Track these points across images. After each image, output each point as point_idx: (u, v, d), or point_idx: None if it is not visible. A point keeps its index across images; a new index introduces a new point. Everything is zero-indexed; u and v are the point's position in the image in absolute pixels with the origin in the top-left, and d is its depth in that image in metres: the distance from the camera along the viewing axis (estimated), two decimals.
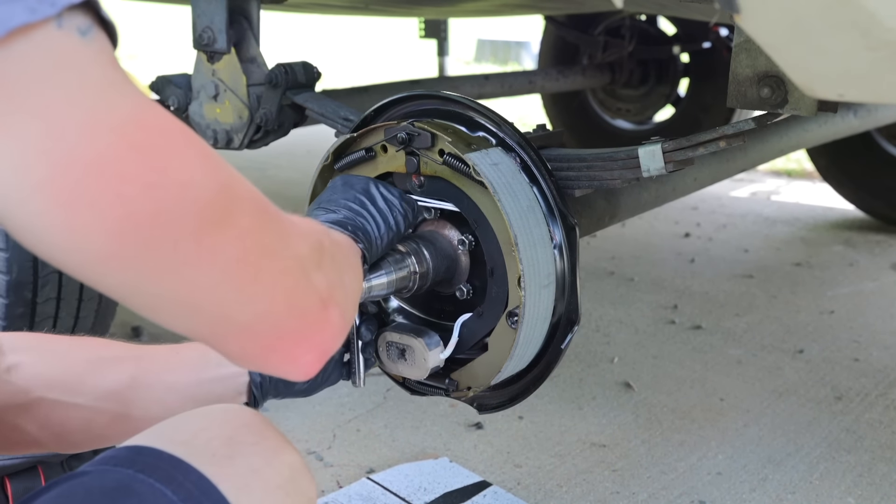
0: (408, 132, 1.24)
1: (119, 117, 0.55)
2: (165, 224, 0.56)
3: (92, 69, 0.55)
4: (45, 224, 0.53)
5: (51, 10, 0.52)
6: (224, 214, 0.60)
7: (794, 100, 1.27)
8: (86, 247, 0.54)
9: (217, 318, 0.62)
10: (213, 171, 0.61)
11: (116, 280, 0.57)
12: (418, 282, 1.24)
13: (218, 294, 0.61)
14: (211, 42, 1.85)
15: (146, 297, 0.59)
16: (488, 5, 2.71)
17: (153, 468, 0.72)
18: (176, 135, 0.59)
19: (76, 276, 0.58)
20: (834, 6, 0.59)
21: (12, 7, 0.51)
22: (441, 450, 1.98)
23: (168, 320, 0.62)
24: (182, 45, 2.05)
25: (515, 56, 11.30)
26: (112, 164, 0.54)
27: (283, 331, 0.67)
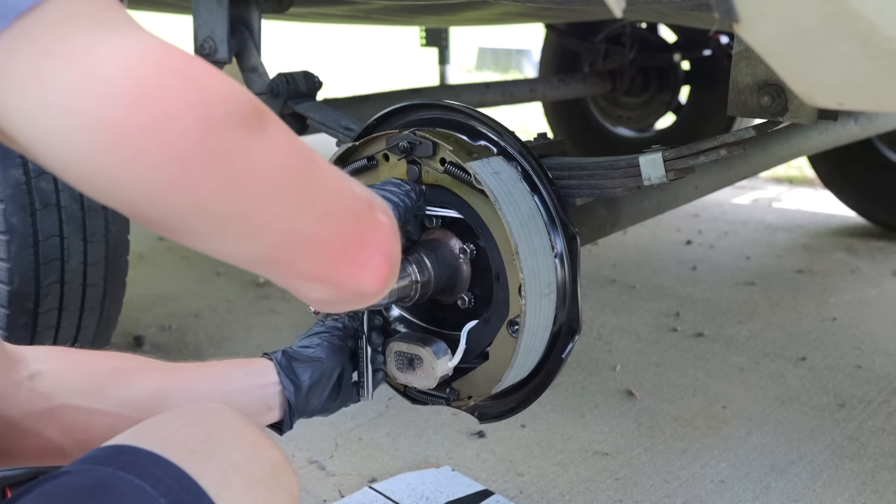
0: (409, 141, 1.25)
1: (146, 47, 0.56)
2: (218, 137, 0.57)
3: (108, 11, 0.56)
4: (104, 161, 0.54)
5: None
6: (262, 125, 0.61)
7: (794, 108, 1.27)
8: (147, 175, 0.55)
9: (284, 231, 0.63)
10: (241, 87, 0.61)
11: (184, 205, 0.57)
12: (420, 291, 1.24)
13: (279, 202, 0.61)
14: (212, 51, 1.85)
15: (215, 221, 0.59)
16: (489, 14, 2.72)
17: (132, 465, 0.72)
18: (201, 60, 0.59)
19: (143, 214, 0.58)
20: (833, 15, 0.59)
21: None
22: (443, 458, 1.97)
23: (239, 246, 0.62)
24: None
25: (516, 64, 11.32)
26: (154, 88, 0.54)
27: (346, 235, 0.68)
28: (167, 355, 2.47)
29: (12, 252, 1.85)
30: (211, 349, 2.53)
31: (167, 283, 3.09)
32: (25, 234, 1.86)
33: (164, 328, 2.69)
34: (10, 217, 1.84)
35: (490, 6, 2.40)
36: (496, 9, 2.50)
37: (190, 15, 1.90)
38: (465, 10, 2.62)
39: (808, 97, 0.71)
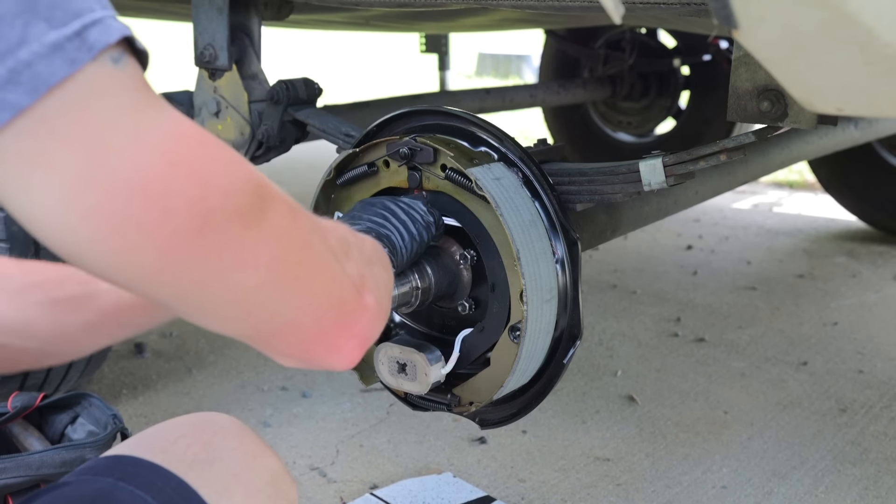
0: (410, 147, 1.25)
1: (157, 135, 0.56)
2: (212, 234, 0.57)
3: (126, 94, 0.56)
4: (97, 250, 0.55)
5: (88, 56, 0.53)
6: (261, 216, 0.61)
7: (793, 113, 1.27)
8: (136, 265, 0.56)
9: (263, 318, 0.63)
10: (246, 175, 0.62)
11: (167, 291, 0.58)
12: (420, 297, 1.24)
13: (263, 294, 0.62)
14: (212, 59, 1.86)
15: (196, 305, 0.60)
16: (489, 20, 2.72)
17: (133, 476, 0.72)
18: (211, 145, 0.60)
19: (129, 291, 0.60)
20: (832, 21, 0.59)
21: (52, 62, 0.52)
22: (445, 465, 1.97)
23: (217, 325, 0.63)
24: (185, 62, 2.06)
25: (516, 70, 11.33)
26: (156, 182, 0.55)
27: (325, 322, 0.68)
28: (168, 362, 2.47)
29: (11, 251, 1.85)
30: (212, 356, 2.53)
31: None
32: (27, 243, 1.86)
33: (165, 335, 2.69)
34: (10, 225, 1.84)
35: (490, 12, 2.40)
36: (496, 15, 2.50)
37: (190, 22, 1.90)
38: (465, 17, 2.63)
39: (808, 102, 0.71)
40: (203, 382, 2.37)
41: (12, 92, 0.52)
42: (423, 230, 1.19)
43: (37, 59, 0.52)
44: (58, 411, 1.31)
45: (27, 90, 0.52)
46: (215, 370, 2.44)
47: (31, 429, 1.27)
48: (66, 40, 0.53)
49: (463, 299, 1.29)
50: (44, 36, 0.52)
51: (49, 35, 0.53)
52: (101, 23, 0.55)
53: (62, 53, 0.53)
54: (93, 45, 0.54)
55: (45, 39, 0.52)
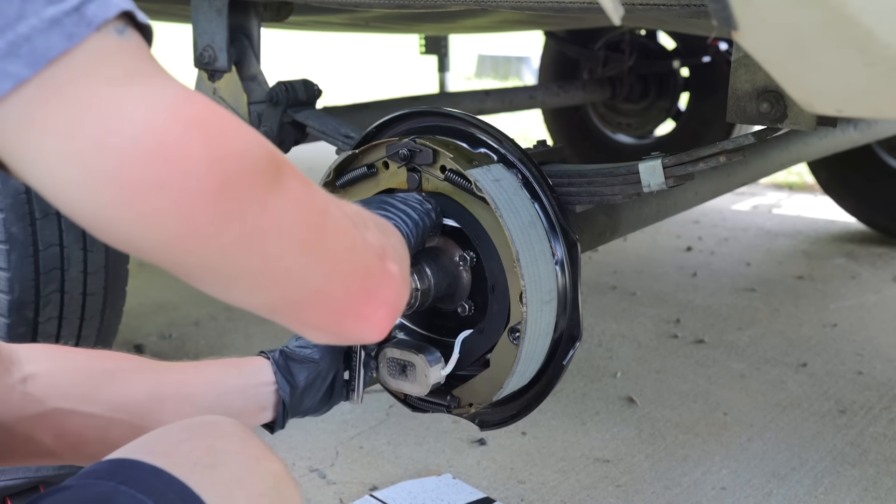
0: (409, 148, 1.25)
1: (169, 100, 0.56)
2: (233, 196, 0.57)
3: (133, 62, 0.56)
4: (119, 215, 0.54)
5: (87, 31, 0.54)
6: (277, 179, 0.61)
7: (793, 114, 1.27)
8: (160, 230, 0.55)
9: (290, 286, 0.63)
10: (259, 140, 0.61)
11: (193, 259, 0.58)
12: (420, 298, 1.24)
13: (288, 259, 0.61)
14: (212, 60, 1.86)
15: (223, 274, 0.60)
16: (488, 21, 2.72)
17: (135, 480, 0.72)
18: (221, 111, 0.59)
19: (154, 261, 0.58)
20: (831, 22, 0.59)
21: (49, 36, 0.52)
22: (444, 466, 1.97)
23: (245, 296, 0.63)
24: (184, 63, 2.06)
25: (516, 71, 11.33)
26: (173, 145, 0.54)
27: (352, 289, 0.67)
28: None
29: (12, 261, 1.85)
30: (211, 358, 2.52)
31: (167, 291, 3.08)
32: (25, 244, 1.86)
33: (165, 337, 2.69)
34: (10, 226, 1.84)
35: (489, 13, 2.40)
36: (495, 16, 2.50)
37: (189, 24, 1.90)
38: (465, 18, 2.63)
39: (807, 104, 0.71)
40: None
41: (12, 64, 0.52)
42: (424, 216, 1.19)
43: (35, 34, 0.52)
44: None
45: (26, 63, 0.52)
46: None
47: None
48: (65, 15, 0.53)
49: (462, 301, 1.29)
50: (42, 11, 0.53)
51: (47, 10, 0.53)
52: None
53: (60, 28, 0.53)
54: (91, 20, 0.54)
55: (42, 14, 0.52)
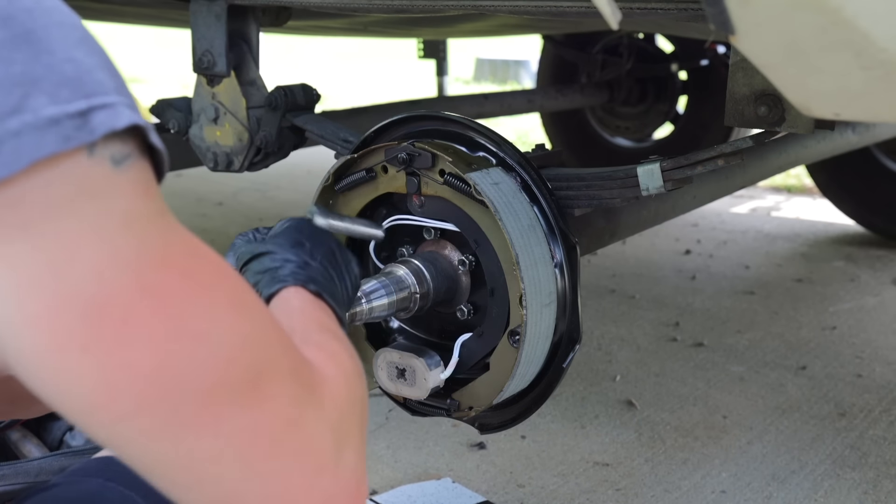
0: (408, 152, 1.25)
1: (137, 255, 0.50)
2: (167, 383, 0.50)
3: (117, 201, 0.51)
4: (35, 362, 0.49)
5: (88, 138, 0.50)
6: (245, 377, 0.53)
7: (791, 118, 1.28)
8: (75, 392, 0.50)
9: (217, 495, 0.54)
10: (239, 323, 0.54)
11: (103, 433, 0.52)
12: (419, 302, 1.24)
13: (221, 467, 0.53)
14: (211, 65, 1.86)
15: (138, 457, 0.53)
16: (486, 25, 2.73)
17: (122, 475, 0.71)
18: (202, 278, 0.53)
19: (64, 416, 0.53)
20: (828, 26, 0.59)
21: (43, 136, 0.48)
22: (444, 470, 1.97)
23: (163, 486, 0.55)
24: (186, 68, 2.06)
25: (514, 75, 11.34)
26: (117, 307, 0.49)
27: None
28: None
29: None
30: None
31: None
32: None
33: None
34: None
35: (487, 18, 2.41)
36: (493, 20, 2.51)
37: (188, 29, 1.91)
38: (463, 22, 2.63)
39: (805, 107, 0.72)
40: None
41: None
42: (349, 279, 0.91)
43: (26, 130, 0.48)
44: (56, 418, 1.31)
45: (4, 161, 0.47)
46: None
47: (29, 436, 1.27)
48: (67, 117, 0.49)
49: (462, 304, 1.29)
50: (42, 109, 0.49)
51: (48, 109, 0.49)
52: (111, 108, 0.51)
53: (57, 129, 0.49)
54: (95, 127, 0.50)
55: (41, 112, 0.49)
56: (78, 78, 0.51)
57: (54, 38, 0.51)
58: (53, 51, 0.51)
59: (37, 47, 0.50)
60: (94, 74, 0.52)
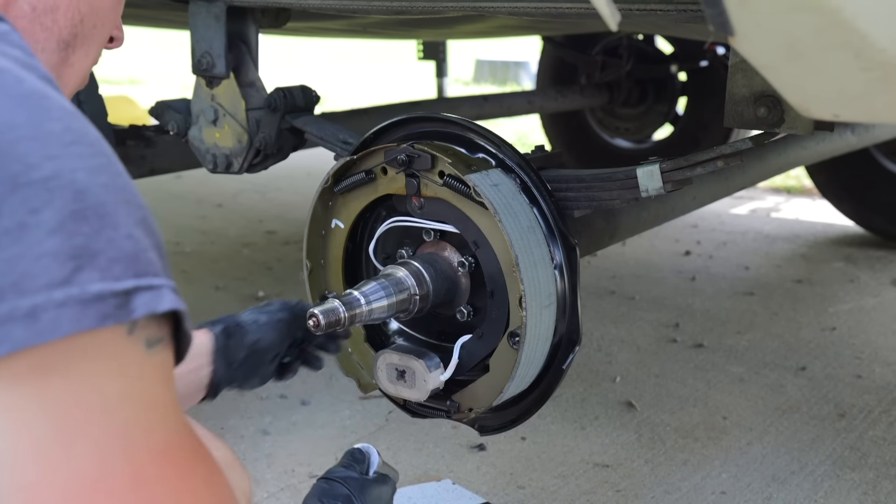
0: (408, 154, 1.25)
1: (142, 444, 0.51)
2: None
3: (140, 385, 0.52)
4: None
5: (125, 318, 0.51)
6: None
7: (790, 119, 1.28)
8: None
9: None
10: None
11: None
12: (419, 304, 1.24)
13: None
14: (210, 67, 1.86)
15: None
16: (486, 27, 2.73)
17: None
18: (195, 480, 0.54)
19: None
20: (827, 28, 0.59)
21: (84, 311, 0.49)
22: (444, 472, 1.97)
23: None
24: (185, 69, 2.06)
25: (514, 76, 11.33)
26: (104, 494, 0.49)
27: None
28: None
29: None
30: None
31: None
32: None
33: None
34: None
35: (487, 19, 2.41)
36: (493, 22, 2.51)
37: (188, 30, 1.91)
38: (462, 24, 2.63)
39: (804, 109, 0.72)
40: None
41: (21, 328, 0.47)
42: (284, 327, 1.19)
43: (70, 303, 0.49)
44: None
45: (42, 329, 0.48)
46: None
47: None
48: (112, 295, 0.50)
49: (461, 306, 1.29)
50: (90, 284, 0.50)
51: (96, 285, 0.50)
52: (156, 290, 0.52)
53: (99, 305, 0.50)
54: (135, 308, 0.51)
55: (89, 287, 0.50)
56: (134, 256, 0.52)
57: (121, 214, 0.53)
58: (118, 226, 0.52)
59: (103, 221, 0.51)
60: (148, 254, 0.53)
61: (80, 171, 0.52)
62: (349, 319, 1.13)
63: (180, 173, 3.05)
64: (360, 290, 1.16)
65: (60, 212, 0.50)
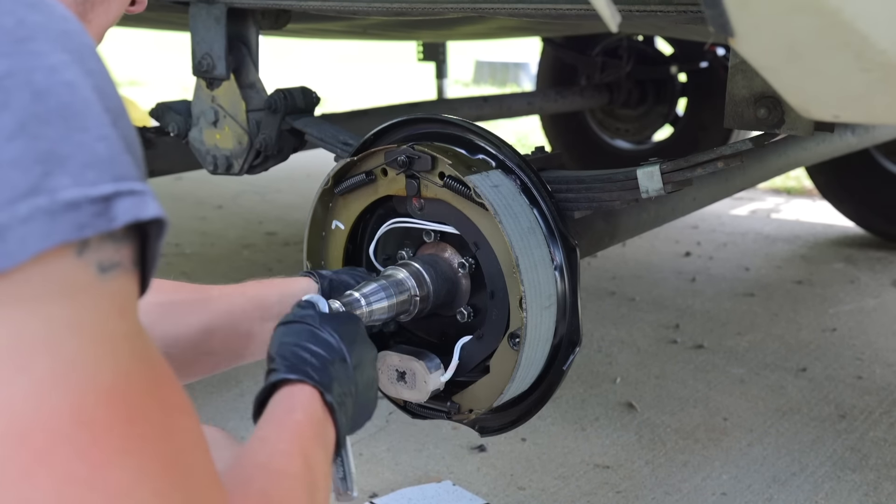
0: (408, 155, 1.25)
1: (86, 383, 0.45)
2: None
3: (89, 315, 0.46)
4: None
5: (106, 226, 0.46)
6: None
7: (790, 120, 1.28)
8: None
9: None
10: (163, 495, 0.48)
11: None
12: (419, 305, 1.24)
13: None
14: (210, 69, 1.86)
15: None
16: (486, 28, 2.73)
17: None
18: (147, 426, 0.48)
19: None
20: (827, 29, 0.59)
21: (54, 223, 0.44)
22: (444, 473, 1.97)
23: None
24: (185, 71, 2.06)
25: (514, 77, 11.33)
26: (43, 435, 0.44)
27: None
28: None
29: None
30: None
31: None
32: None
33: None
34: None
35: (487, 20, 2.41)
36: (493, 23, 2.51)
37: (188, 32, 1.91)
38: (462, 25, 2.63)
39: (804, 110, 0.72)
40: (202, 391, 2.36)
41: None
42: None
43: (37, 216, 0.44)
44: None
45: (7, 251, 0.43)
46: (214, 379, 2.44)
47: None
48: (88, 202, 0.45)
49: (462, 307, 1.29)
50: (61, 191, 0.44)
51: (68, 191, 0.45)
52: (139, 196, 0.47)
53: (73, 215, 0.44)
54: (116, 215, 0.46)
55: (60, 195, 0.44)
56: (110, 159, 0.47)
57: (92, 116, 0.48)
58: (88, 127, 0.47)
59: (70, 124, 0.46)
60: (125, 157, 0.49)
61: (37, 71, 0.46)
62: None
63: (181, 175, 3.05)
64: (361, 291, 1.16)
65: (17, 115, 0.44)
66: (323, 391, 0.82)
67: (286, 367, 0.83)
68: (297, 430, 0.76)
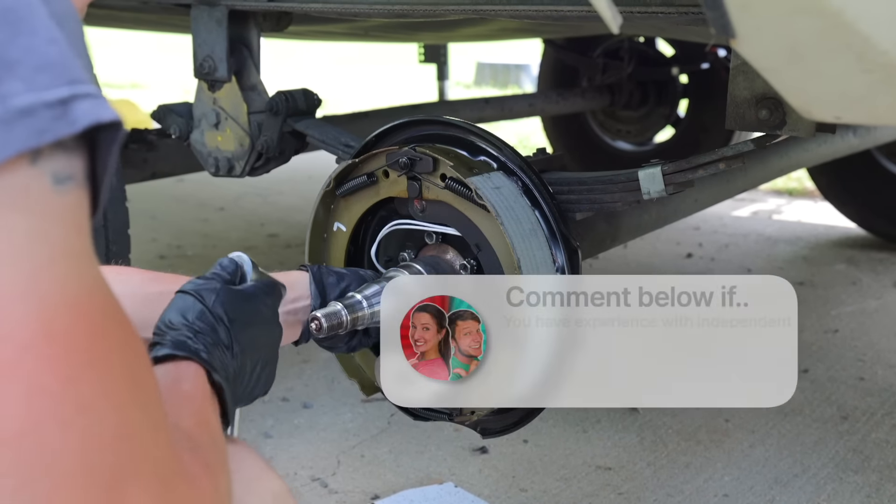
0: (409, 157, 1.25)
1: (52, 295, 0.44)
2: (27, 454, 0.42)
3: (49, 227, 0.44)
4: None
5: (67, 130, 0.44)
6: (111, 471, 0.45)
7: (792, 121, 1.28)
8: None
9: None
10: (127, 405, 0.47)
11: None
12: None
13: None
14: (212, 71, 1.86)
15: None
16: (487, 30, 2.73)
17: None
18: (109, 341, 0.47)
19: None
20: (829, 29, 0.59)
21: (10, 131, 0.42)
22: (446, 475, 1.97)
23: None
24: (187, 73, 2.06)
25: (515, 79, 11.34)
26: (11, 346, 0.42)
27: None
28: None
29: None
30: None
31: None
32: None
33: None
34: None
35: (488, 22, 2.41)
36: (494, 24, 2.51)
37: (189, 34, 1.91)
38: (463, 26, 2.63)
39: (806, 111, 0.72)
40: None
41: None
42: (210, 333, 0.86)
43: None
44: None
45: None
46: None
47: None
48: (44, 107, 0.43)
49: None
50: (13, 98, 0.42)
51: (21, 97, 0.43)
52: (95, 98, 0.45)
53: (29, 121, 0.43)
54: (76, 118, 0.44)
55: (12, 101, 0.42)
56: (63, 63, 0.45)
57: (38, 16, 0.45)
58: (36, 31, 0.44)
59: (15, 28, 0.44)
60: (77, 60, 0.46)
61: None
62: (351, 322, 1.13)
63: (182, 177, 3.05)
64: (363, 292, 1.16)
65: None
66: (211, 370, 0.81)
67: (172, 344, 0.81)
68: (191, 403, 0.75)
